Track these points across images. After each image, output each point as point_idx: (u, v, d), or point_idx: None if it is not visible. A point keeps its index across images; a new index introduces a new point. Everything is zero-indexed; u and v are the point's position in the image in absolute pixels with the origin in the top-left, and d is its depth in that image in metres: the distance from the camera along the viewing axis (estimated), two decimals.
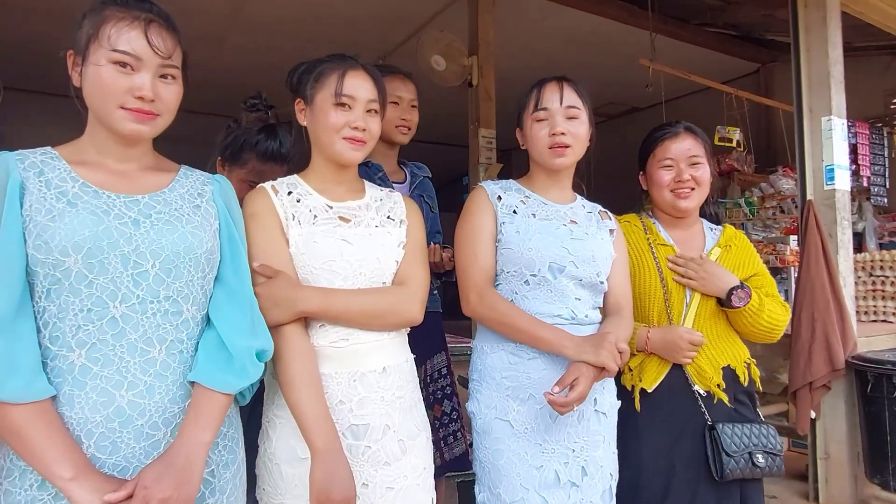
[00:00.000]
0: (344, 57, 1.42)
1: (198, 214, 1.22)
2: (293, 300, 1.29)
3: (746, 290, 1.70)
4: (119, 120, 1.14)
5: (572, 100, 1.56)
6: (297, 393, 1.27)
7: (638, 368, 1.74)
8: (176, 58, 1.19)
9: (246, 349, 1.18)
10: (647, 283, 1.77)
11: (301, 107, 1.43)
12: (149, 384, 1.12)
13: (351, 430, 1.32)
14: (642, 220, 1.89)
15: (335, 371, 1.33)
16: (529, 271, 1.51)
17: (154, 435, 1.12)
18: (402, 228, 1.46)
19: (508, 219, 1.55)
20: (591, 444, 1.52)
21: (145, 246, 1.12)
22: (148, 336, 1.12)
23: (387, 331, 1.40)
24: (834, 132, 2.95)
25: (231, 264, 1.24)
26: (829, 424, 2.97)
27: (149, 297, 1.12)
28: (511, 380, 1.52)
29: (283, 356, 1.29)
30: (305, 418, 1.26)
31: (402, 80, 1.98)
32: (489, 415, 1.53)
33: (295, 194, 1.40)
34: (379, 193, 1.51)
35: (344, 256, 1.35)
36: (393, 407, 1.38)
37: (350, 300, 1.34)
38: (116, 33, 1.13)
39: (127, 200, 1.15)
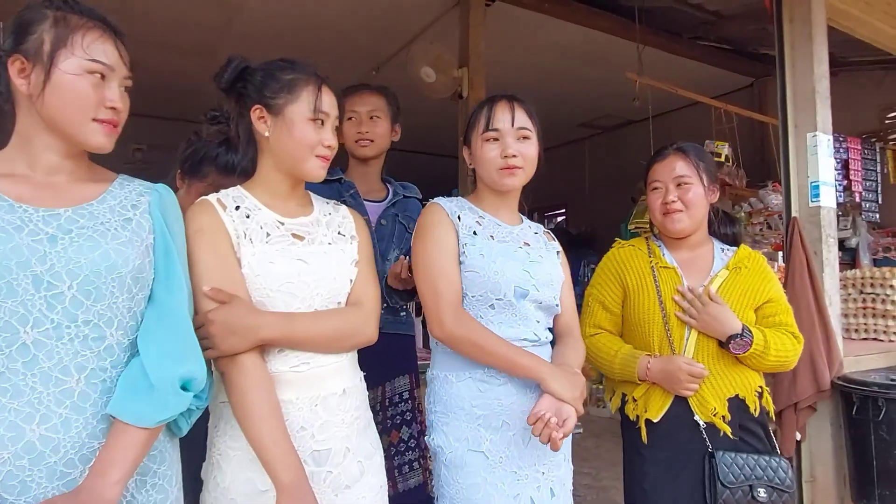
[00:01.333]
0: (304, 66, 1.36)
1: (127, 229, 1.13)
2: (253, 327, 1.22)
3: (747, 339, 1.65)
4: (92, 132, 1.10)
5: (523, 121, 1.53)
6: (257, 427, 1.20)
7: (643, 398, 1.71)
8: (129, 68, 1.17)
9: (169, 378, 1.09)
10: (647, 308, 1.74)
11: (261, 115, 1.34)
12: (64, 417, 1.03)
13: (313, 456, 1.28)
14: (648, 243, 1.87)
15: (296, 397, 1.28)
16: (495, 295, 1.47)
17: (69, 473, 1.03)
18: (353, 245, 1.42)
19: (470, 240, 1.50)
20: (555, 464, 1.50)
21: (61, 265, 1.03)
22: (64, 364, 1.04)
23: (346, 352, 1.36)
24: (819, 148, 2.91)
25: (165, 282, 1.16)
26: (815, 447, 2.91)
27: (65, 321, 1.04)
28: (482, 408, 1.46)
29: (240, 387, 1.22)
30: (269, 453, 1.19)
31: (358, 95, 1.98)
32: (460, 448, 1.45)
33: (243, 209, 1.32)
34: (326, 207, 1.46)
35: (301, 277, 1.30)
36: (351, 429, 1.34)
37: (312, 325, 1.29)
38: (90, 42, 1.09)
39: (46, 215, 1.07)
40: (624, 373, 1.72)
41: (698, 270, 1.79)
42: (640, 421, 1.70)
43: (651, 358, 1.69)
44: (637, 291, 1.77)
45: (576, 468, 1.59)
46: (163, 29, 4.76)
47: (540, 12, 4.46)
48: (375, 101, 1.98)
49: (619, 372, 1.73)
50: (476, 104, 1.60)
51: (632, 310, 1.77)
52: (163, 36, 4.90)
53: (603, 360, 1.76)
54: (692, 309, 1.69)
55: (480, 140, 1.54)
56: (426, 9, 4.59)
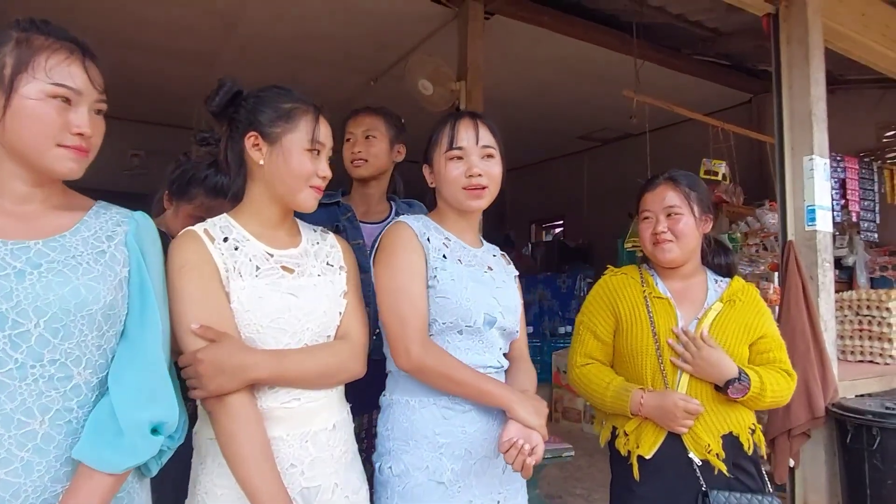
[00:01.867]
0: (300, 96, 1.33)
1: (100, 262, 1.08)
2: (243, 367, 1.17)
3: (744, 383, 1.62)
4: (55, 159, 1.04)
5: (487, 139, 1.48)
6: (247, 470, 1.16)
7: (635, 433, 1.67)
8: (104, 92, 1.10)
9: (138, 422, 1.04)
10: (640, 340, 1.71)
11: (256, 142, 1.30)
12: (26, 461, 0.98)
13: (302, 494, 1.24)
14: (641, 272, 1.83)
15: (286, 433, 1.24)
16: (465, 322, 1.41)
17: None
18: (342, 276, 1.39)
19: (441, 264, 1.43)
20: (511, 492, 1.46)
21: (28, 302, 0.99)
22: (27, 406, 0.99)
23: (335, 387, 1.33)
24: (816, 171, 2.89)
25: (139, 318, 1.11)
26: (809, 473, 2.88)
27: (30, 360, 0.99)
28: (445, 436, 1.39)
29: (229, 429, 1.18)
30: (260, 496, 1.15)
31: (354, 118, 1.98)
32: (420, 477, 1.38)
33: (231, 241, 1.28)
34: (314, 236, 1.43)
35: (291, 311, 1.26)
36: (340, 464, 1.31)
37: (303, 361, 1.26)
38: (54, 65, 1.03)
39: (15, 248, 1.02)
40: (615, 406, 1.68)
41: (691, 302, 1.76)
42: (632, 457, 1.66)
43: (644, 392, 1.64)
44: (630, 322, 1.73)
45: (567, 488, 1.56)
46: (161, 35, 4.75)
47: (538, 26, 4.46)
48: (371, 121, 1.96)
49: (610, 405, 1.69)
50: (437, 123, 1.53)
51: (624, 340, 1.73)
52: (161, 42, 4.89)
53: (594, 392, 1.72)
54: (686, 353, 1.65)
55: (444, 159, 1.48)
56: (425, 21, 4.58)
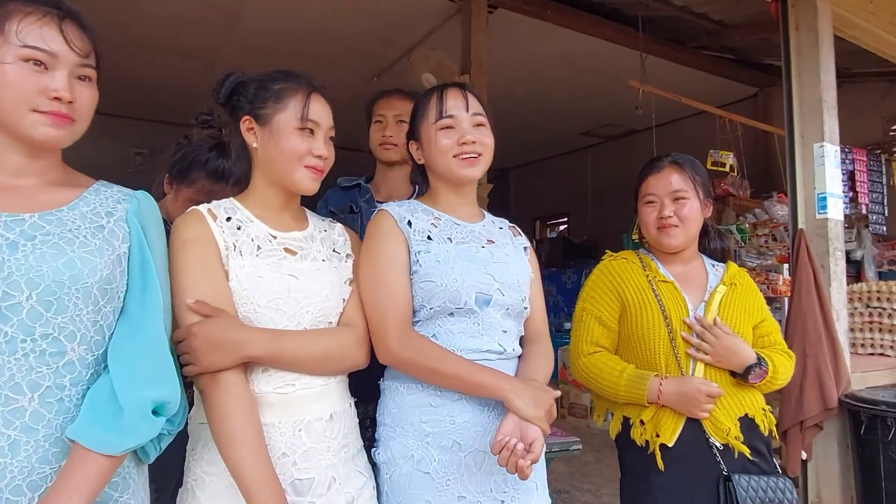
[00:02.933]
0: (298, 76, 1.31)
1: (98, 237, 1.05)
2: (238, 343, 1.15)
3: (763, 367, 1.61)
4: (31, 125, 1.01)
5: (477, 107, 1.43)
6: (238, 452, 1.12)
7: (652, 422, 1.62)
8: (91, 58, 1.06)
9: (139, 402, 1.00)
10: (651, 324, 1.66)
11: (250, 125, 1.30)
12: (12, 439, 0.95)
13: (293, 485, 1.20)
14: (640, 256, 1.80)
15: (279, 420, 1.21)
16: (455, 304, 1.34)
17: (16, 501, 0.95)
18: (348, 263, 1.36)
19: (424, 247, 1.37)
20: (522, 492, 1.36)
21: (20, 274, 0.96)
22: (16, 381, 0.95)
23: (335, 375, 1.29)
24: (826, 159, 2.85)
25: (139, 295, 1.08)
26: (822, 466, 2.83)
27: (20, 334, 0.96)
28: (432, 424, 1.33)
29: (221, 407, 1.14)
30: (250, 480, 1.12)
31: (385, 100, 1.94)
32: (405, 466, 1.33)
33: (234, 220, 1.27)
34: (321, 224, 1.41)
35: (290, 293, 1.23)
36: (339, 457, 1.26)
37: (301, 343, 1.22)
38: (26, 28, 1.00)
39: (9, 219, 0.99)
40: (630, 394, 1.63)
41: (695, 285, 1.74)
42: (652, 446, 1.61)
43: (662, 379, 1.60)
44: (638, 306, 1.69)
45: (575, 483, 1.51)
46: (163, 32, 4.73)
47: (543, 20, 4.42)
48: (403, 105, 1.91)
49: (624, 393, 1.64)
50: (419, 97, 1.48)
51: (633, 326, 1.69)
52: (163, 39, 4.87)
53: (606, 381, 1.67)
54: (705, 344, 1.61)
55: (433, 129, 1.42)
56: (428, 16, 4.55)
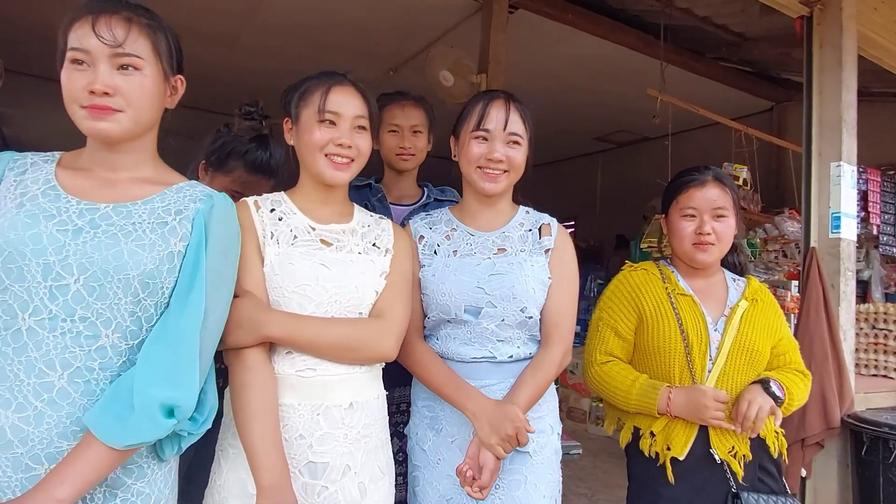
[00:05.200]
0: (333, 74, 1.36)
1: (156, 233, 1.10)
2: (259, 323, 1.21)
3: (780, 401, 1.60)
4: (80, 119, 1.08)
5: (516, 126, 1.48)
6: (249, 423, 1.18)
7: (663, 434, 1.62)
8: (134, 46, 1.09)
9: (150, 400, 1.02)
10: (666, 338, 1.66)
11: (288, 126, 1.38)
12: (38, 410, 1.00)
13: (308, 467, 1.24)
14: (660, 268, 1.78)
15: (298, 402, 1.25)
16: (446, 315, 1.46)
17: (34, 469, 1.00)
18: (386, 258, 1.39)
19: (428, 261, 1.51)
20: (509, 483, 1.43)
21: (75, 258, 1.02)
22: (50, 357, 1.01)
23: (358, 364, 1.32)
24: (843, 179, 2.85)
25: (183, 295, 1.10)
26: (820, 485, 2.84)
27: (62, 314, 1.02)
28: (430, 409, 1.51)
29: (241, 381, 1.21)
30: (255, 451, 1.17)
31: (400, 108, 1.93)
32: (412, 440, 1.54)
33: (278, 212, 1.33)
34: (368, 219, 1.44)
35: (319, 281, 1.28)
36: (356, 446, 1.29)
37: (320, 329, 1.26)
38: (74, 34, 1.08)
39: (84, 208, 1.07)
40: (641, 404, 1.64)
41: (715, 300, 1.73)
42: (662, 458, 1.61)
43: (671, 389, 1.61)
44: (655, 318, 1.69)
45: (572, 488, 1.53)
46: (185, 15, 4.73)
47: (563, 23, 4.42)
48: (418, 115, 1.96)
49: (635, 403, 1.65)
50: (470, 99, 1.55)
51: (649, 338, 1.69)
52: (185, 22, 4.87)
53: (617, 391, 1.67)
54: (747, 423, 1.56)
55: (468, 136, 1.50)
56: (448, 12, 4.55)
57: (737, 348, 1.65)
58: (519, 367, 1.47)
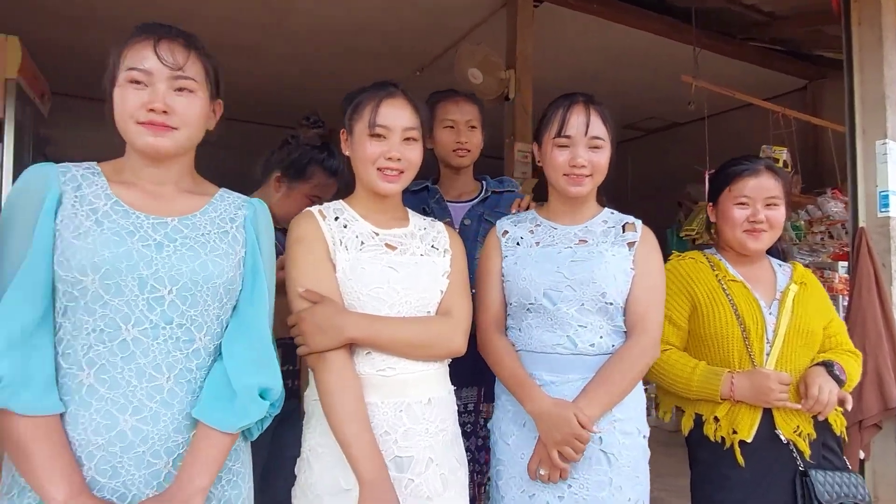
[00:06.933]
0: (385, 85, 1.41)
1: (224, 241, 1.20)
2: (340, 326, 1.27)
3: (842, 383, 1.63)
4: (136, 135, 1.14)
5: (597, 129, 1.51)
6: (344, 422, 1.25)
7: (727, 418, 1.64)
8: (192, 70, 1.17)
9: (248, 387, 1.14)
10: (723, 323, 1.68)
11: (344, 137, 1.44)
12: (154, 411, 1.09)
13: (395, 461, 1.30)
14: (707, 256, 1.81)
15: (381, 400, 1.31)
16: (527, 301, 1.50)
17: (155, 464, 1.09)
18: (446, 258, 1.45)
19: (511, 252, 1.57)
20: (592, 484, 1.44)
21: (164, 271, 1.11)
22: (157, 362, 1.10)
23: (431, 361, 1.38)
24: (889, 156, 2.80)
25: (249, 295, 1.21)
26: (879, 466, 2.80)
27: (162, 322, 1.11)
28: (513, 404, 1.52)
29: (328, 384, 1.27)
30: (352, 448, 1.23)
31: (455, 103, 1.95)
32: (496, 434, 1.56)
33: (342, 219, 1.40)
34: (422, 222, 1.50)
35: (390, 283, 1.34)
36: (436, 440, 1.35)
37: (397, 328, 1.32)
38: (132, 55, 1.15)
39: (155, 222, 1.14)
40: (703, 390, 1.66)
41: (764, 285, 1.76)
42: (728, 442, 1.63)
43: (734, 374, 1.63)
44: (709, 306, 1.71)
45: None
46: (212, 28, 4.83)
47: (588, 13, 4.41)
48: (473, 110, 1.97)
49: (696, 390, 1.67)
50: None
51: (704, 325, 1.71)
52: (211, 35, 4.95)
53: (677, 378, 1.69)
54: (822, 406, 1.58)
55: (551, 144, 1.54)
56: (473, 10, 4.57)
57: (793, 330, 1.67)
58: (602, 360, 1.48)
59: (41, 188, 1.10)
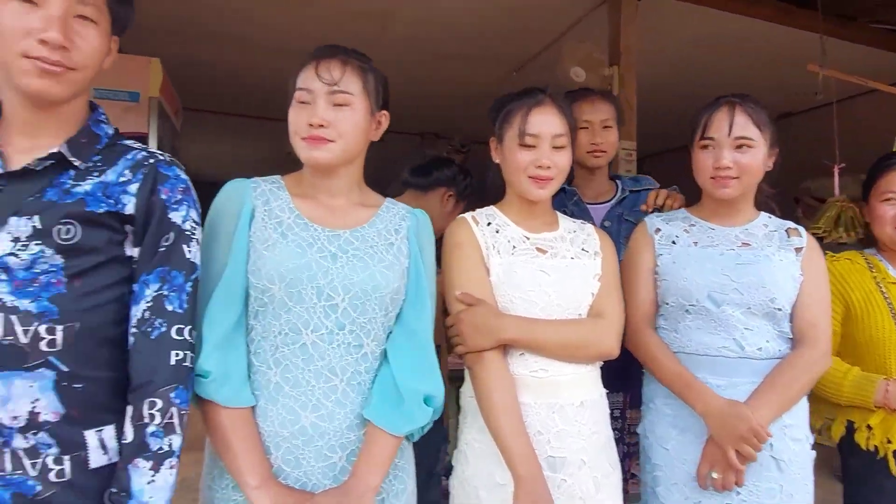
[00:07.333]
0: (534, 92, 1.43)
1: (390, 253, 1.27)
2: (495, 328, 1.32)
3: None
4: (301, 149, 1.25)
5: (743, 129, 1.48)
6: (499, 420, 1.29)
7: (881, 427, 1.58)
8: (348, 85, 1.24)
9: (416, 393, 1.21)
10: (880, 327, 1.62)
11: (494, 145, 1.49)
12: (330, 410, 1.19)
13: (548, 461, 1.33)
14: (865, 257, 1.75)
15: (533, 401, 1.35)
16: (688, 301, 1.46)
17: (331, 457, 1.18)
18: (596, 260, 1.46)
19: (666, 250, 1.54)
20: (762, 491, 1.40)
21: (339, 280, 1.20)
22: (332, 365, 1.19)
23: (583, 363, 1.39)
24: None
25: (413, 304, 1.28)
26: None
27: (336, 328, 1.20)
28: (671, 407, 1.49)
29: (485, 382, 1.32)
30: (508, 446, 1.27)
31: (590, 103, 1.93)
32: (650, 439, 1.52)
33: (494, 225, 1.45)
34: (572, 225, 1.52)
35: (542, 287, 1.37)
36: (589, 442, 1.37)
37: (550, 330, 1.35)
38: (301, 78, 1.26)
39: (330, 234, 1.24)
40: (855, 397, 1.59)
41: None
42: (882, 451, 1.57)
43: (889, 381, 1.55)
44: (865, 309, 1.65)
45: None
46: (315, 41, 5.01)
47: (695, 3, 4.25)
48: (608, 109, 1.94)
49: (847, 396, 1.60)
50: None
51: (860, 328, 1.65)
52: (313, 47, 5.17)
53: (828, 383, 1.63)
54: None
55: (696, 147, 1.54)
56: (572, 8, 4.51)
57: None
58: (770, 365, 1.44)
59: (238, 203, 1.21)
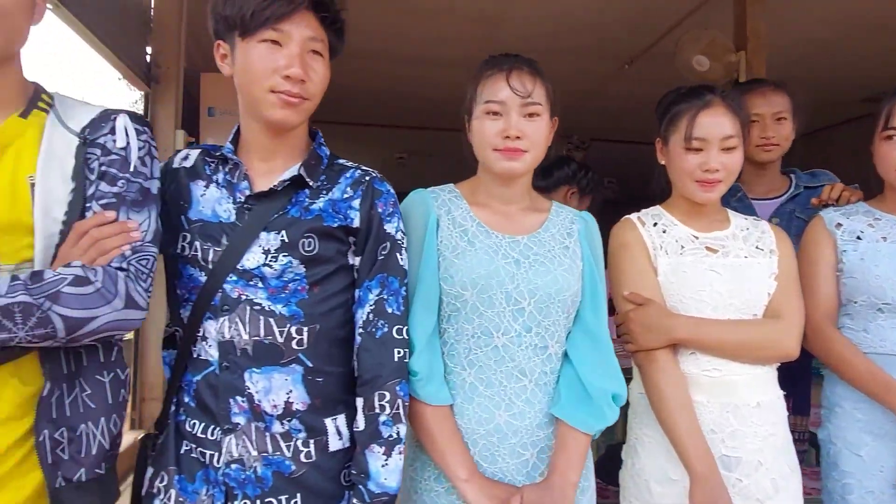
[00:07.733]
0: (701, 93, 1.41)
1: (567, 256, 1.31)
2: (666, 327, 1.33)
3: None
4: (494, 161, 1.29)
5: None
6: (673, 417, 1.30)
7: None
8: (538, 96, 1.29)
9: (604, 392, 1.24)
10: None
11: (659, 146, 1.49)
12: (520, 409, 1.24)
13: (722, 460, 1.32)
14: None
15: (706, 400, 1.35)
16: (881, 300, 1.41)
17: (523, 454, 1.23)
18: (772, 259, 1.43)
19: (851, 246, 1.48)
20: None
21: (524, 285, 1.24)
22: (521, 367, 1.24)
23: (759, 364, 1.38)
24: None
25: (591, 305, 1.31)
26: None
27: (523, 331, 1.24)
28: (863, 412, 1.43)
29: (657, 380, 1.34)
30: (684, 443, 1.29)
31: (761, 95, 1.87)
32: (838, 446, 1.47)
33: (660, 225, 1.46)
34: (744, 223, 1.50)
35: (713, 287, 1.36)
36: (766, 443, 1.35)
37: (722, 330, 1.35)
38: (488, 88, 1.29)
39: (510, 241, 1.29)
40: None
41: None
42: None
43: None
44: None
45: None
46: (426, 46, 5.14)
47: None
48: (781, 101, 1.86)
49: None
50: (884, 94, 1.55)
51: None
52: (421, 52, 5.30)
53: None
54: None
55: (879, 138, 1.50)
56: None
57: None
58: None
59: (423, 213, 1.29)
